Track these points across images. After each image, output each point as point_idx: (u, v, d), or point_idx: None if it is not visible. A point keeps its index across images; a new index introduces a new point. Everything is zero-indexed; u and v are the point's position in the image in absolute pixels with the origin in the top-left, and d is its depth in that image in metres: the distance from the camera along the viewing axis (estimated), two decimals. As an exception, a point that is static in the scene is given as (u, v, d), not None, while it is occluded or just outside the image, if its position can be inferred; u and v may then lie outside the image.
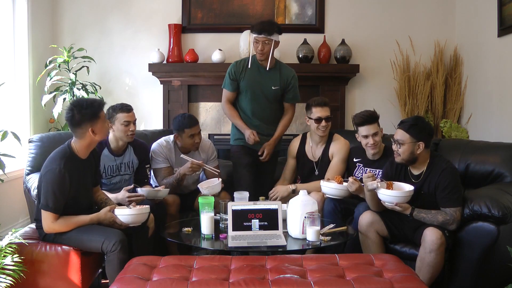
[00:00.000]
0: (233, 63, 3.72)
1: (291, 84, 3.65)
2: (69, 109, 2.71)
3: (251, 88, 3.62)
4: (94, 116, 2.70)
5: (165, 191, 3.22)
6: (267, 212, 2.81)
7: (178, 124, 3.49)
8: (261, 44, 3.50)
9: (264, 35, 3.48)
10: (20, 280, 2.44)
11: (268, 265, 2.34)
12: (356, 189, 3.06)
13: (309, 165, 3.58)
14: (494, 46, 3.99)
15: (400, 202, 2.79)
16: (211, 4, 4.71)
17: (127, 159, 3.36)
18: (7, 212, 3.81)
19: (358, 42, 4.71)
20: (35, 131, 4.24)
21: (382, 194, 2.81)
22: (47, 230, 2.68)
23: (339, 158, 3.48)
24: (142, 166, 3.42)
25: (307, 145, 3.62)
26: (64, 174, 2.61)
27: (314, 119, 3.45)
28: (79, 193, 2.73)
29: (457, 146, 3.47)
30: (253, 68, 3.63)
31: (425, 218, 2.80)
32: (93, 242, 2.64)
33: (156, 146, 3.54)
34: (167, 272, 2.25)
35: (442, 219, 2.76)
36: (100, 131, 2.74)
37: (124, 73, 4.76)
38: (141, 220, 2.79)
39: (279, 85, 3.62)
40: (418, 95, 4.56)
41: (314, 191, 3.30)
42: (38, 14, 4.37)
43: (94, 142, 2.78)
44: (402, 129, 2.89)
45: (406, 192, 2.80)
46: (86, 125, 2.68)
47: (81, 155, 2.75)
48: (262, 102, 3.65)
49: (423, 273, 2.71)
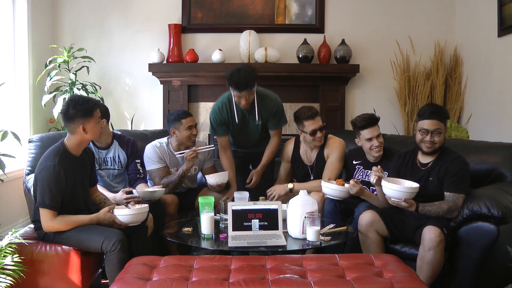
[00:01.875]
0: (214, 112, 3.53)
1: (273, 113, 3.52)
2: (65, 103, 2.76)
3: (236, 128, 3.56)
4: (87, 113, 2.72)
5: (161, 191, 3.21)
6: (267, 212, 2.81)
7: (174, 117, 3.48)
8: (243, 99, 3.36)
9: (246, 91, 3.33)
10: (20, 280, 2.43)
11: (268, 265, 2.34)
12: (357, 192, 3.06)
13: (304, 169, 3.57)
14: (494, 46, 3.99)
15: (407, 198, 2.79)
16: (211, 4, 4.71)
17: (112, 153, 3.36)
18: (7, 212, 3.81)
19: (358, 42, 4.72)
20: (35, 131, 4.25)
21: (389, 189, 2.81)
22: (46, 228, 2.67)
23: (336, 157, 3.45)
24: (132, 161, 3.41)
25: (301, 149, 3.59)
26: (59, 170, 2.63)
27: (308, 133, 3.40)
28: (75, 191, 2.74)
29: (457, 146, 3.47)
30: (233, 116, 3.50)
31: (430, 211, 2.80)
32: (92, 242, 2.64)
33: (150, 147, 3.52)
34: (167, 272, 2.25)
35: (447, 207, 2.77)
36: (91, 131, 2.75)
37: (124, 73, 4.76)
38: (141, 220, 2.79)
39: (261, 119, 3.51)
40: (418, 95, 4.56)
41: (314, 191, 3.30)
42: (38, 14, 4.37)
43: (85, 141, 2.80)
44: (435, 118, 2.88)
45: (413, 188, 2.80)
46: (78, 121, 2.70)
47: (74, 152, 2.76)
48: (247, 135, 3.63)
49: (423, 271, 2.71)
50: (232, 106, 3.48)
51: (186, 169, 3.39)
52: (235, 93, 3.35)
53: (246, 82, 3.30)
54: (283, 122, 3.62)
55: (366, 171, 3.35)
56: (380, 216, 2.94)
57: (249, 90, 3.33)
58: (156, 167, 3.49)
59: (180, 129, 3.45)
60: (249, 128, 3.58)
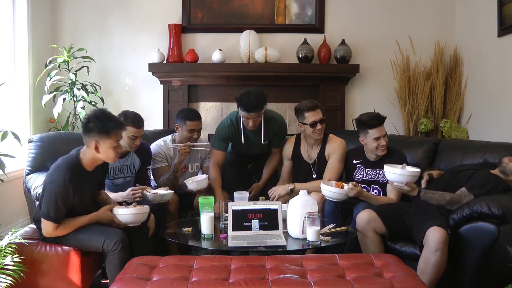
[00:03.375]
0: (223, 126, 3.66)
1: (278, 134, 3.68)
2: (89, 113, 2.66)
3: (243, 147, 3.69)
4: (104, 132, 2.59)
5: (170, 193, 3.22)
6: (267, 212, 2.81)
7: (183, 115, 3.53)
8: (251, 120, 3.47)
9: (255, 113, 3.44)
10: (20, 280, 2.44)
11: (268, 265, 2.34)
12: (355, 194, 3.06)
13: (305, 167, 3.57)
14: (494, 46, 3.99)
15: (409, 181, 2.79)
16: (211, 4, 4.71)
17: (129, 161, 3.37)
18: (7, 212, 3.81)
19: (358, 42, 4.72)
20: (35, 131, 4.24)
21: (392, 173, 2.82)
22: (46, 235, 2.67)
23: (336, 158, 3.46)
24: (143, 167, 3.43)
25: (302, 147, 3.60)
26: (68, 186, 2.56)
27: (308, 124, 3.42)
28: (82, 201, 2.72)
29: (457, 146, 3.47)
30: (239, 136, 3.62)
31: (432, 198, 2.81)
32: (93, 242, 2.64)
33: (155, 147, 3.58)
34: (167, 272, 2.25)
35: (449, 198, 2.77)
36: (104, 152, 2.62)
37: (124, 73, 4.76)
38: (140, 220, 2.79)
39: (267, 139, 3.65)
40: (418, 95, 4.56)
41: (314, 192, 3.30)
42: (38, 14, 4.37)
43: (98, 160, 2.68)
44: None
45: (415, 172, 2.82)
46: (93, 136, 2.60)
47: (87, 167, 2.69)
48: (252, 153, 3.78)
49: (427, 274, 2.68)
50: (240, 125, 3.59)
51: (178, 163, 3.41)
52: (244, 114, 3.46)
53: (255, 105, 3.40)
54: (284, 142, 3.72)
55: (366, 170, 3.35)
56: (377, 214, 2.94)
57: (257, 112, 3.44)
58: (158, 166, 3.52)
59: (182, 128, 3.50)
60: (253, 146, 3.69)
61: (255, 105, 3.40)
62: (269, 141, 3.69)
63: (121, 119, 3.13)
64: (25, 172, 3.52)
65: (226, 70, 4.54)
